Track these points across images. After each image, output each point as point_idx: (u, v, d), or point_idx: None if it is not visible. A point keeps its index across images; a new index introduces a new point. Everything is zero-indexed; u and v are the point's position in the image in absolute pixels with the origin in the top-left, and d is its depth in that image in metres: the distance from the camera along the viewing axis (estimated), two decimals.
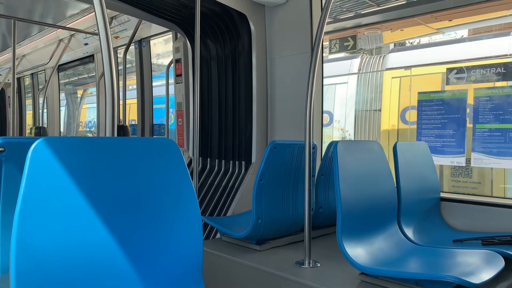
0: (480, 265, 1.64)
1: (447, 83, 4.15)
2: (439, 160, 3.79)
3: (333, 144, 1.90)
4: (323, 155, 2.57)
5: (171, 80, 4.12)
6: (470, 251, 1.80)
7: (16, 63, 5.07)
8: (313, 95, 1.98)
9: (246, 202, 3.10)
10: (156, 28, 4.43)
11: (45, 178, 1.02)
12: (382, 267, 1.69)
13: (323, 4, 2.98)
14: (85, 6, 4.30)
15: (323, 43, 3.42)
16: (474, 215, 2.34)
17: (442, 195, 2.50)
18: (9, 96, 8.38)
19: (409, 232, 2.13)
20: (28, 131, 8.31)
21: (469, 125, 3.65)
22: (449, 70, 4.18)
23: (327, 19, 1.98)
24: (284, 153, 2.17)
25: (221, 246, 2.27)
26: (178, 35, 3.89)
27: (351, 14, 5.28)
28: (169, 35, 4.49)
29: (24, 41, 5.96)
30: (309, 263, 1.92)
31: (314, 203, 2.37)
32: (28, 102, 8.41)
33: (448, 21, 5.32)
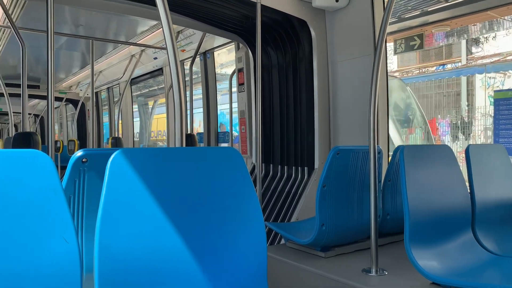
0: None
1: None
2: None
3: (400, 149, 1.85)
4: (389, 160, 2.49)
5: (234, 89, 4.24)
6: None
7: (94, 79, 5.52)
8: (377, 98, 1.94)
9: (310, 208, 3.09)
10: (219, 39, 4.58)
11: (122, 187, 1.11)
12: (456, 277, 1.60)
13: (385, 5, 2.91)
14: (154, 22, 4.58)
15: (387, 44, 3.32)
16: None
17: None
18: (88, 109, 9.11)
19: (486, 241, 1.99)
20: (105, 141, 8.95)
21: None
22: None
23: (390, 19, 1.94)
24: (348, 158, 2.14)
25: (286, 252, 2.28)
26: (240, 45, 4.00)
27: (417, 12, 5.07)
28: (232, 45, 4.63)
29: (100, 58, 6.47)
30: (376, 271, 1.87)
31: (381, 210, 2.31)
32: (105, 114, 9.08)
33: None
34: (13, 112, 4.76)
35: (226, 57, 6.31)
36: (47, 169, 0.98)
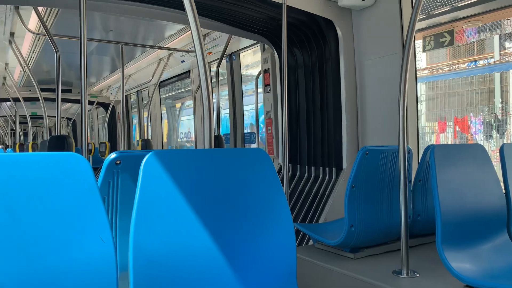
0: None
1: None
2: None
3: (430, 148, 1.81)
4: (419, 160, 2.45)
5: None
6: None
7: (124, 82, 5.67)
8: (406, 96, 1.91)
9: (338, 209, 3.06)
10: (245, 41, 4.61)
11: (155, 187, 1.14)
12: (492, 280, 1.55)
13: (413, 2, 2.85)
14: (181, 26, 4.65)
15: (415, 41, 3.26)
16: None
17: None
18: (118, 112, 9.34)
19: None
20: (134, 142, 9.16)
21: None
22: None
23: (418, 16, 1.91)
24: (377, 159, 2.12)
25: (314, 253, 2.28)
26: (266, 46, 4.01)
27: (447, 8, 4.95)
28: (257, 47, 4.65)
29: (130, 62, 6.63)
30: (407, 273, 1.84)
31: (411, 211, 2.27)
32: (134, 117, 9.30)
33: None
34: (47, 116, 4.94)
35: (251, 58, 6.34)
36: (84, 171, 1.03)
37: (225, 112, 5.43)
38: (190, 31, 1.68)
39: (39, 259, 0.98)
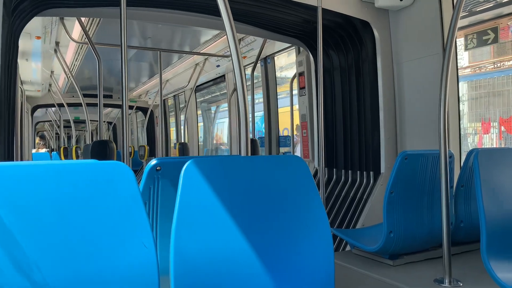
0: None
1: None
2: None
3: (474, 152, 1.75)
4: (462, 164, 2.36)
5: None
6: None
7: (162, 87, 5.82)
8: (447, 98, 1.85)
9: (376, 214, 3.00)
10: (279, 44, 4.61)
11: (194, 194, 1.17)
12: None
13: (454, 0, 2.76)
14: (216, 32, 4.72)
15: (457, 40, 3.15)
16: None
17: None
18: (156, 116, 9.59)
19: None
20: (172, 145, 9.35)
21: None
22: None
23: (460, 13, 1.84)
24: (417, 163, 2.06)
25: (352, 259, 2.24)
26: (301, 49, 4.00)
27: (490, 4, 4.74)
28: (292, 49, 4.64)
29: (167, 68, 6.80)
30: (450, 281, 1.78)
31: (454, 217, 2.19)
32: (171, 120, 9.51)
33: None
34: (89, 120, 5.15)
35: (285, 60, 6.33)
36: (128, 180, 1.06)
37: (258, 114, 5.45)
38: (225, 36, 1.71)
39: (85, 263, 1.03)
